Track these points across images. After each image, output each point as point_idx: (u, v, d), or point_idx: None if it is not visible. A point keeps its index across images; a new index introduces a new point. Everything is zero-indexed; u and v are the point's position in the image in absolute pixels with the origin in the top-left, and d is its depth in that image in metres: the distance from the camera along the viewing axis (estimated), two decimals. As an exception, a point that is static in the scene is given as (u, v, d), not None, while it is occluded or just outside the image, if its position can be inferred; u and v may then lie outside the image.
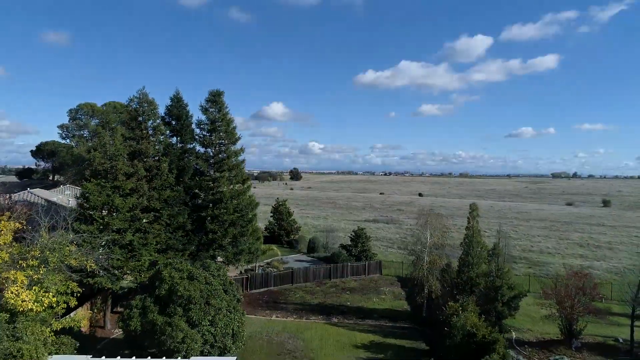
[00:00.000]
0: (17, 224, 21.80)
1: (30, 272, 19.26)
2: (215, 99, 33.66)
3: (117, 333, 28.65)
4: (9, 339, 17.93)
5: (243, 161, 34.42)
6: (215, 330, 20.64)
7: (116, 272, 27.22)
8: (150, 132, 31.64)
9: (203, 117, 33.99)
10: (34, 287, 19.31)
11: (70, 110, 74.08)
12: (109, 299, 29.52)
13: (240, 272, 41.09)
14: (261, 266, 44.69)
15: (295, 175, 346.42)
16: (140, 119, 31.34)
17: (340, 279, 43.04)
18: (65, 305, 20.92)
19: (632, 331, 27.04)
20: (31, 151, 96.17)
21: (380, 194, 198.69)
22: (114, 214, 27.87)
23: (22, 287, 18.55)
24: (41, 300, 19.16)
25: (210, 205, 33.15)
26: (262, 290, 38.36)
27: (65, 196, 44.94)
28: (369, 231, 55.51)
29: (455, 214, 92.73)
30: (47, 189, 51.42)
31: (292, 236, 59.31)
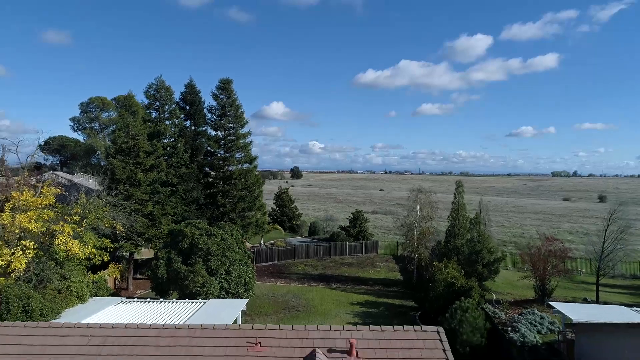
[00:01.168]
0: (57, 190, 25.29)
1: (74, 226, 22.65)
2: (225, 87, 37.05)
3: (139, 293, 32.05)
4: (58, 279, 21.32)
5: (250, 143, 37.82)
6: (230, 278, 24.01)
7: (139, 238, 30.62)
8: (167, 115, 35.05)
9: (214, 103, 37.46)
10: (76, 240, 22.71)
11: (81, 103, 77.51)
12: (131, 265, 32.90)
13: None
14: (266, 245, 48.04)
15: (296, 173, 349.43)
16: (157, 103, 34.75)
17: (339, 256, 46.39)
18: (101, 258, 24.31)
19: (597, 291, 30.43)
20: (39, 145, 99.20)
21: (380, 190, 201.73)
22: (137, 187, 31.26)
23: (69, 237, 21.94)
24: (82, 250, 22.56)
25: (221, 182, 36.58)
26: (267, 263, 41.73)
27: (81, 180, 48.45)
28: (368, 220, 58.77)
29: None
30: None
31: (294, 222, 62.66)
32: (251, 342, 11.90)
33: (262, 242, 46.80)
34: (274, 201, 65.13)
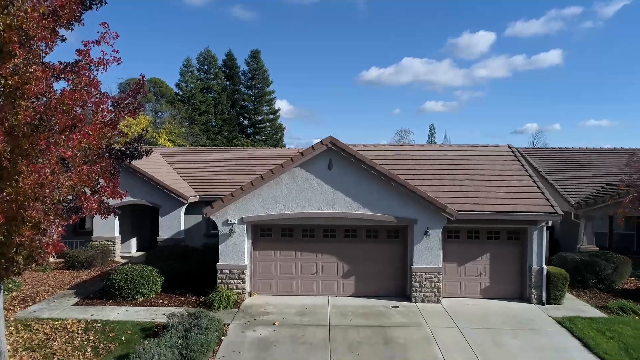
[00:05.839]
0: (149, 117, 37.25)
1: (168, 134, 34.54)
2: (254, 56, 48.81)
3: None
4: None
5: (274, 99, 49.59)
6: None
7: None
8: (212, 76, 46.85)
9: (246, 68, 49.23)
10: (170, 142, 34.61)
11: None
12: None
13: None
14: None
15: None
16: (206, 67, 46.58)
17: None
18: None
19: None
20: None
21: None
22: (194, 125, 43.08)
23: (166, 140, 33.82)
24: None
25: (252, 126, 48.40)
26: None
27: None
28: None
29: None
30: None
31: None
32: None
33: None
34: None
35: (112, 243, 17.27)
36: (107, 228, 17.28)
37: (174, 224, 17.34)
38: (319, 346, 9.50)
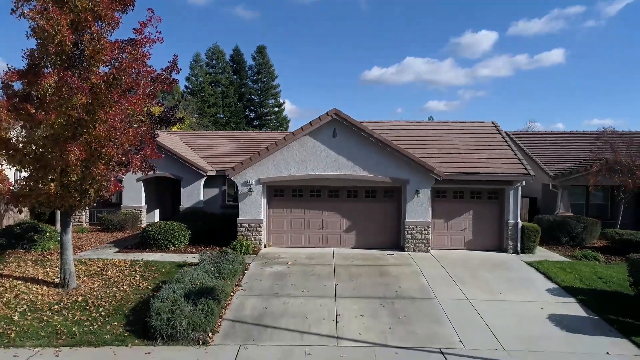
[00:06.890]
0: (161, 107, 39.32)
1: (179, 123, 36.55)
2: (261, 51, 50.77)
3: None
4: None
5: (279, 92, 51.53)
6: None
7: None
8: (220, 70, 48.86)
9: (252, 63, 51.23)
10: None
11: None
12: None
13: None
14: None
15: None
16: (214, 62, 48.60)
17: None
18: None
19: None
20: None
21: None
22: (203, 116, 45.14)
23: (177, 128, 35.83)
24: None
25: (258, 118, 50.42)
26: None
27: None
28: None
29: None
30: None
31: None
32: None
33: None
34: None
35: (139, 211, 19.29)
36: (134, 198, 19.30)
37: (194, 195, 19.35)
38: (326, 277, 11.49)
